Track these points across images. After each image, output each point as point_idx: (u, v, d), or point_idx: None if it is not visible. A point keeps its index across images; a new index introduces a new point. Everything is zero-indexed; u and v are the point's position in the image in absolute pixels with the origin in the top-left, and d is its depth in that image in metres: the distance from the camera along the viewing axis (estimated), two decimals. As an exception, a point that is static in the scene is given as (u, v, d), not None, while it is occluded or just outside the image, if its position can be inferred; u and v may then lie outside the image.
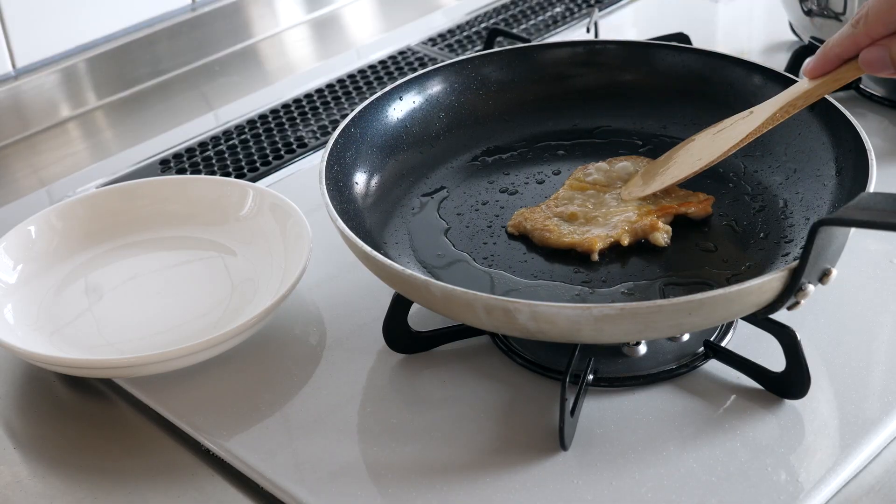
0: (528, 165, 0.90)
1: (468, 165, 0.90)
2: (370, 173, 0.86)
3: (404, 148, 0.89)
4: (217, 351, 0.77)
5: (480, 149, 0.92)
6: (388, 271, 0.70)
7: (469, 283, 0.76)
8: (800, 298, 0.68)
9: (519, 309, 0.66)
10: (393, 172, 0.87)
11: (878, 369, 0.75)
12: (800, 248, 0.76)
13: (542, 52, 0.96)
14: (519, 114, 0.94)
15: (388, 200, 0.86)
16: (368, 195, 0.84)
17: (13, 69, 1.14)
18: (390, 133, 0.88)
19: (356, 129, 0.86)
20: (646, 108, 0.93)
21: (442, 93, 0.92)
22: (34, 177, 1.08)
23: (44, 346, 0.80)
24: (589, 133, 0.93)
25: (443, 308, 0.70)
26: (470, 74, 0.93)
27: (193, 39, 1.25)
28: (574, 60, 0.95)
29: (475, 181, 0.89)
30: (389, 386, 0.77)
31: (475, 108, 0.93)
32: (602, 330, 0.66)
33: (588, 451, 0.70)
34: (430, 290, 0.68)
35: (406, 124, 0.89)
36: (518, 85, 0.94)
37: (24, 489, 0.72)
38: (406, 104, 0.90)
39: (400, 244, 0.82)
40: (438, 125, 0.91)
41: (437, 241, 0.82)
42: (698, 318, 0.66)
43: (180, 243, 0.91)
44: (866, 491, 0.68)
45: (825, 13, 1.02)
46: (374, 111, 0.88)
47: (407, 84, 0.90)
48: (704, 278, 0.77)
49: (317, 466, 0.71)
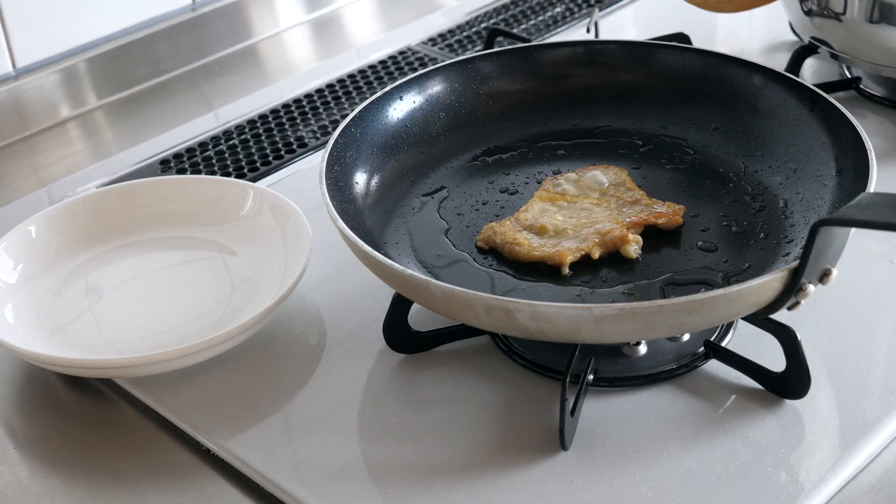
0: (528, 165, 0.90)
1: (468, 165, 0.90)
2: (370, 173, 0.86)
3: (404, 148, 0.89)
4: (217, 351, 0.77)
5: (481, 149, 0.92)
6: (389, 271, 0.70)
7: (469, 284, 0.76)
8: (800, 298, 0.68)
9: (519, 309, 0.66)
10: (393, 172, 0.87)
11: (878, 369, 0.75)
12: (800, 248, 0.76)
13: (542, 52, 0.96)
14: (519, 114, 0.94)
15: (389, 200, 0.86)
16: (369, 195, 0.84)
17: (13, 69, 1.14)
18: (390, 133, 0.88)
19: (356, 128, 0.86)
20: (646, 107, 0.93)
21: (442, 93, 0.92)
22: (34, 177, 1.08)
23: (44, 346, 0.80)
24: (589, 133, 0.93)
25: (443, 308, 0.70)
26: (470, 74, 0.93)
27: (193, 39, 1.25)
28: (574, 60, 0.95)
29: (475, 181, 0.89)
30: (390, 386, 0.77)
31: (475, 107, 0.93)
32: (602, 330, 0.66)
33: (588, 451, 0.70)
34: (431, 290, 0.68)
35: (406, 124, 0.89)
36: (518, 85, 0.94)
37: (24, 489, 0.72)
38: (406, 104, 0.90)
39: (400, 244, 0.82)
40: (439, 125, 0.91)
41: (437, 240, 0.82)
42: (699, 318, 0.66)
43: (180, 243, 0.91)
44: (866, 491, 0.68)
45: (825, 13, 1.02)
46: (375, 111, 0.88)
47: (407, 84, 0.90)
48: (705, 278, 0.77)
49: (317, 466, 0.71)
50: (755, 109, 0.88)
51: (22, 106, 1.14)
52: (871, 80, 1.07)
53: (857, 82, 1.07)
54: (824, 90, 0.84)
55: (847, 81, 1.07)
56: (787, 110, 0.86)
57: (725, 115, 0.84)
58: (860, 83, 1.07)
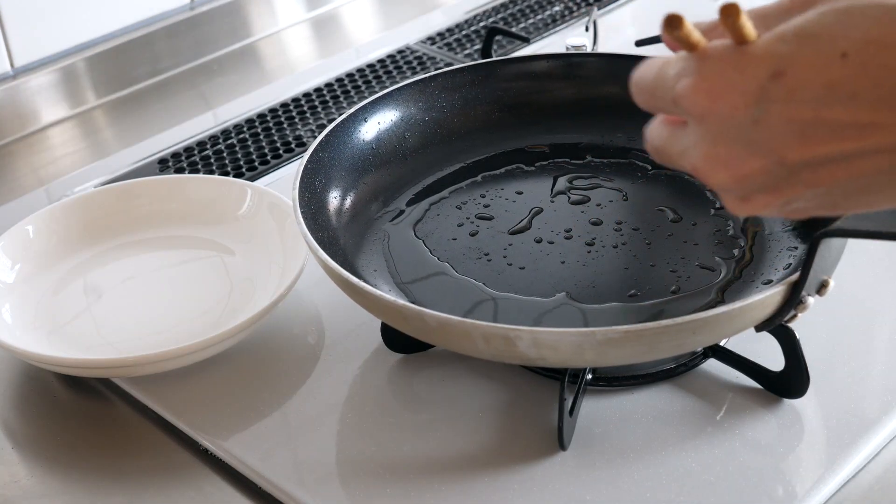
0: (499, 182, 0.88)
1: (440, 183, 0.88)
2: (342, 197, 0.84)
3: (372, 170, 0.87)
4: (215, 350, 0.77)
5: (453, 167, 0.90)
6: (378, 302, 0.69)
7: (453, 296, 0.75)
8: (799, 311, 0.68)
9: (520, 336, 0.64)
10: (364, 194, 0.85)
11: (877, 369, 0.75)
12: (790, 260, 0.75)
13: (505, 66, 0.93)
14: (486, 130, 0.92)
15: (361, 223, 0.84)
16: (342, 217, 0.83)
17: (11, 68, 1.14)
18: (358, 155, 0.86)
19: (324, 153, 0.83)
20: (615, 121, 0.91)
21: (406, 112, 0.89)
22: (32, 176, 1.08)
23: (42, 345, 0.80)
24: (561, 148, 0.91)
25: (439, 339, 0.68)
26: (433, 93, 0.91)
27: (192, 38, 1.25)
28: (546, 74, 0.93)
29: (448, 199, 0.87)
30: (388, 385, 0.77)
31: (440, 126, 0.91)
32: (606, 353, 0.65)
33: (587, 450, 0.70)
34: (426, 321, 0.67)
35: (373, 146, 0.87)
36: (482, 101, 0.92)
37: (21, 489, 0.72)
38: (372, 125, 0.87)
39: (378, 271, 0.80)
40: (406, 145, 0.89)
41: (414, 260, 0.81)
42: (702, 336, 0.65)
43: (179, 243, 0.91)
44: (865, 490, 0.68)
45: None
46: (341, 134, 0.85)
47: (371, 105, 0.88)
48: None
49: (315, 466, 0.71)
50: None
51: (20, 105, 1.14)
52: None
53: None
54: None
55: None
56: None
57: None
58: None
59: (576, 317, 0.74)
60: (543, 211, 0.84)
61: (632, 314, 0.74)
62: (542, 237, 0.82)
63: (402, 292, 0.77)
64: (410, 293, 0.77)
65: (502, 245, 0.81)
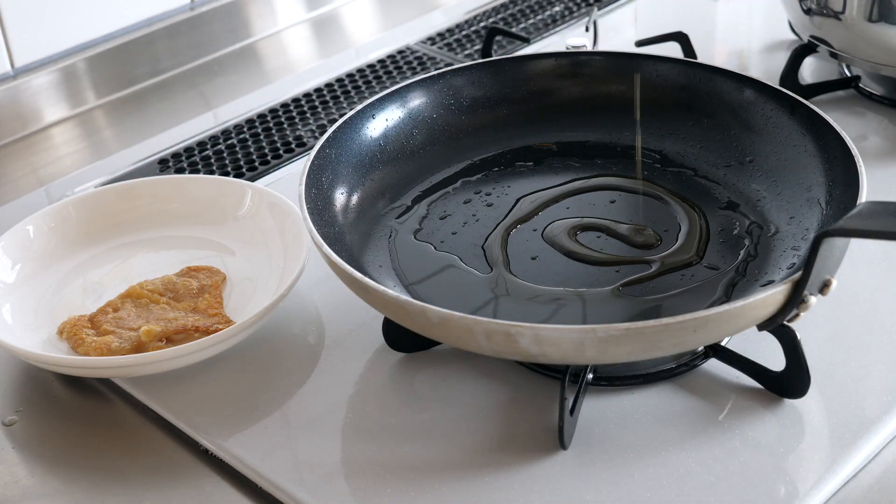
0: (505, 180, 0.89)
1: (447, 181, 0.89)
2: (348, 194, 0.84)
3: (379, 167, 0.87)
4: (215, 350, 0.77)
5: (460, 165, 0.90)
6: (382, 298, 0.69)
7: (459, 291, 0.75)
8: (801, 311, 0.68)
9: (521, 333, 0.65)
10: (371, 190, 0.86)
11: (877, 369, 0.75)
12: (793, 259, 0.75)
13: (515, 64, 0.94)
14: (493, 128, 0.92)
15: (367, 220, 0.84)
16: (348, 214, 0.83)
17: (12, 68, 1.14)
18: (365, 152, 0.86)
19: (331, 150, 0.84)
20: (623, 120, 0.92)
21: (415, 109, 0.90)
22: (33, 176, 1.08)
23: (42, 346, 0.80)
24: (569, 147, 0.91)
25: (440, 333, 0.69)
26: (441, 90, 0.91)
27: (192, 39, 1.25)
28: (553, 72, 0.94)
29: (454, 196, 0.87)
30: (388, 385, 0.77)
31: (449, 123, 0.91)
32: (607, 351, 0.65)
33: (587, 450, 0.70)
34: (428, 317, 0.67)
35: (380, 143, 0.87)
36: (491, 99, 0.93)
37: (21, 489, 0.72)
38: (380, 122, 0.88)
39: (384, 267, 0.80)
40: (414, 142, 0.89)
41: (420, 256, 0.81)
42: (703, 334, 0.65)
43: (179, 243, 0.91)
44: (866, 490, 0.68)
45: (825, 12, 1.02)
46: (349, 130, 0.86)
47: (380, 101, 0.88)
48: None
49: (316, 466, 0.71)
50: (737, 118, 0.87)
51: (20, 105, 1.14)
52: (871, 79, 1.07)
53: (857, 81, 1.07)
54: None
55: (846, 80, 1.07)
56: (766, 117, 0.85)
57: (705, 126, 0.83)
58: (859, 82, 1.07)
59: (578, 312, 0.74)
60: (550, 207, 0.85)
61: (634, 311, 0.74)
62: (549, 234, 0.82)
63: (406, 289, 0.78)
64: (415, 290, 0.78)
65: (508, 242, 0.81)
